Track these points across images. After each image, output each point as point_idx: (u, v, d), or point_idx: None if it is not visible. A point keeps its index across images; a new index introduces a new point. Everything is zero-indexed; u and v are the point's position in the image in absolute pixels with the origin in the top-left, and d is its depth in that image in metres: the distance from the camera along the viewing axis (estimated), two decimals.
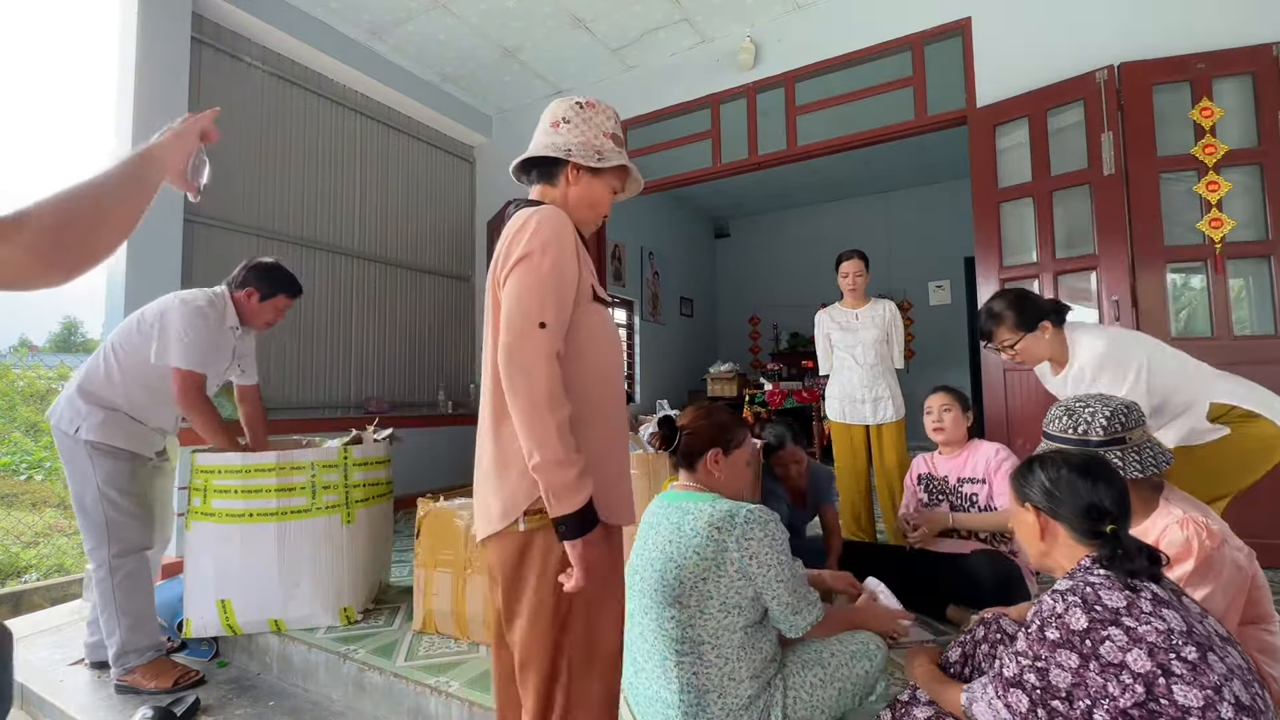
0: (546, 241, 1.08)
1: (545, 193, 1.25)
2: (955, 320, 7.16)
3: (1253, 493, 2.51)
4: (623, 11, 3.84)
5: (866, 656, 1.43)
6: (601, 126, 1.24)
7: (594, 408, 1.12)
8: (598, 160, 1.21)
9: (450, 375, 5.11)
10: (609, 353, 1.18)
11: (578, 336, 1.12)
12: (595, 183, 1.24)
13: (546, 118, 1.26)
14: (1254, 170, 2.66)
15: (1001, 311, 1.96)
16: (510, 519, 1.07)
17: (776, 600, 1.35)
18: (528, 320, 1.03)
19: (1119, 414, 1.37)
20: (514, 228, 1.12)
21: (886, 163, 6.67)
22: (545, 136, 1.24)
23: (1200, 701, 0.89)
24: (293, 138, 4.00)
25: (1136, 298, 2.77)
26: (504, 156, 5.21)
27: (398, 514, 3.75)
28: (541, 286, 1.05)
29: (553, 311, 1.05)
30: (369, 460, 2.47)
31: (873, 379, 3.10)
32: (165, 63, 3.22)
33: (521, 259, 1.07)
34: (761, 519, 1.35)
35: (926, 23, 3.45)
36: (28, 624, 2.68)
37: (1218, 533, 1.28)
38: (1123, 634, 0.96)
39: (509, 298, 1.07)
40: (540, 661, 1.07)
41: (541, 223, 1.09)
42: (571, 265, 1.10)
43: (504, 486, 1.08)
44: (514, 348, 1.03)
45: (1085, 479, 1.13)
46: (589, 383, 1.13)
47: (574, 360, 1.10)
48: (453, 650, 2.07)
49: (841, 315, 3.26)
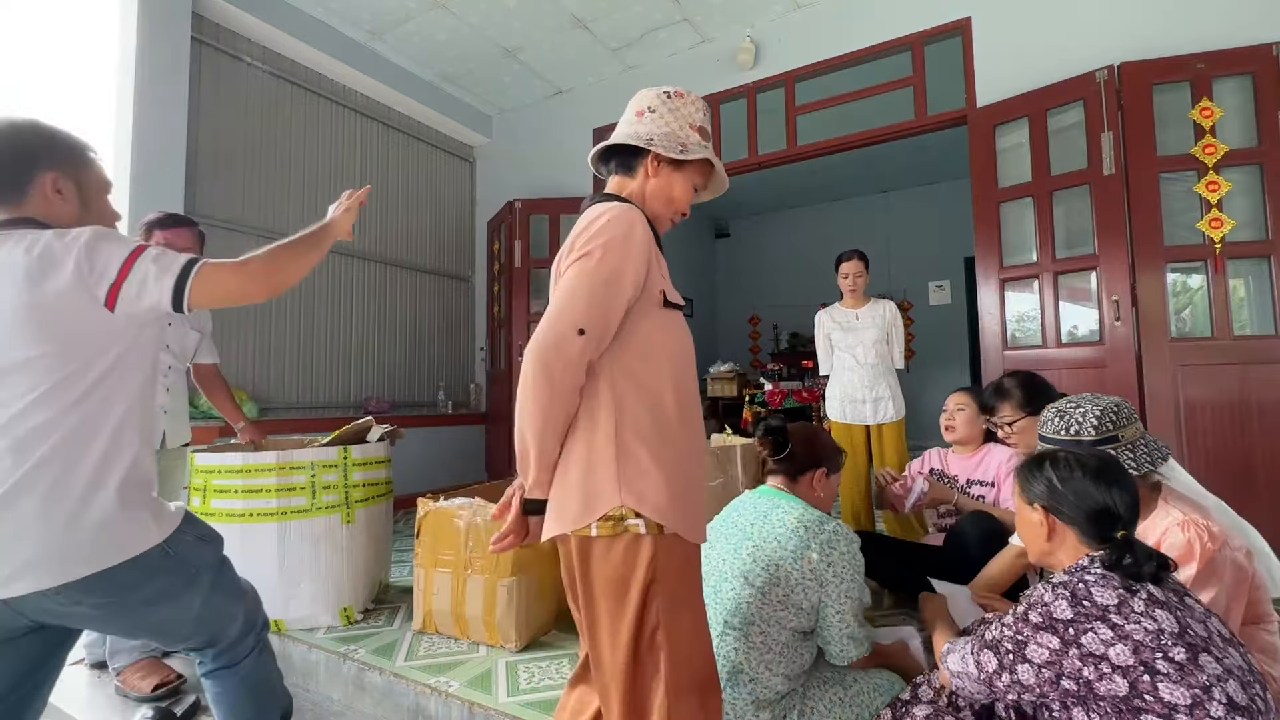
0: (610, 243, 1.03)
1: (622, 184, 1.19)
2: (955, 320, 7.15)
3: (1253, 493, 2.53)
4: (623, 11, 3.84)
5: (889, 693, 1.46)
6: (688, 118, 1.18)
7: (673, 419, 1.07)
8: (680, 152, 1.14)
9: (450, 375, 5.11)
10: (683, 360, 1.12)
11: (647, 343, 1.07)
12: (676, 176, 1.17)
13: (632, 106, 1.21)
14: (1254, 170, 2.66)
15: (1010, 389, 1.97)
16: (586, 521, 1.01)
17: (840, 616, 1.40)
18: (568, 322, 1.00)
19: (1109, 412, 1.37)
20: (584, 221, 1.08)
21: (886, 163, 6.66)
22: (628, 125, 1.18)
23: (1188, 700, 0.90)
24: (293, 138, 4.00)
25: (1136, 298, 2.77)
26: (504, 156, 5.22)
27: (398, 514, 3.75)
28: (591, 290, 1.01)
29: (597, 319, 1.01)
30: (369, 460, 2.46)
31: (873, 379, 3.11)
32: (165, 62, 3.22)
33: (581, 257, 1.03)
34: (849, 536, 1.44)
35: (926, 23, 3.45)
36: None
37: (1219, 535, 1.28)
38: (1108, 629, 0.96)
39: (558, 293, 1.04)
40: (624, 683, 1.01)
41: (610, 221, 1.05)
42: (635, 270, 1.05)
43: (586, 480, 1.03)
44: (546, 345, 1.00)
45: (1099, 482, 1.11)
46: (665, 392, 1.07)
47: (648, 370, 1.06)
48: (453, 650, 2.07)
49: (842, 315, 3.27)
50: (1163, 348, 2.73)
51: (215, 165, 3.56)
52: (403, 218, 4.76)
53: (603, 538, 1.01)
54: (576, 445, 1.04)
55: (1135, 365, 2.75)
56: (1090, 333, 2.94)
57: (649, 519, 1.00)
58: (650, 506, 1.00)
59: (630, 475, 1.01)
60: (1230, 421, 2.62)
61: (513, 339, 4.62)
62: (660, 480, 1.01)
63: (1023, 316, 3.21)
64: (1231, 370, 2.63)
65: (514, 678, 1.87)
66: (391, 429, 2.72)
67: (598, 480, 1.01)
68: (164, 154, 3.21)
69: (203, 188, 3.49)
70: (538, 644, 2.12)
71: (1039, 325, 3.07)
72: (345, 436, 2.57)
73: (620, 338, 1.06)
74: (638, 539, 1.00)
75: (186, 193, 3.32)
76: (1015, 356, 3.10)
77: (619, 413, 1.03)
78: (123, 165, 3.10)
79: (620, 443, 1.02)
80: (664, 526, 1.01)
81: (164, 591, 1.16)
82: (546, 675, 1.89)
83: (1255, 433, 2.58)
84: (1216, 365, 2.65)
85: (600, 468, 1.01)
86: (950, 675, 1.16)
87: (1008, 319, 3.19)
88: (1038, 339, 3.08)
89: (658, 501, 1.00)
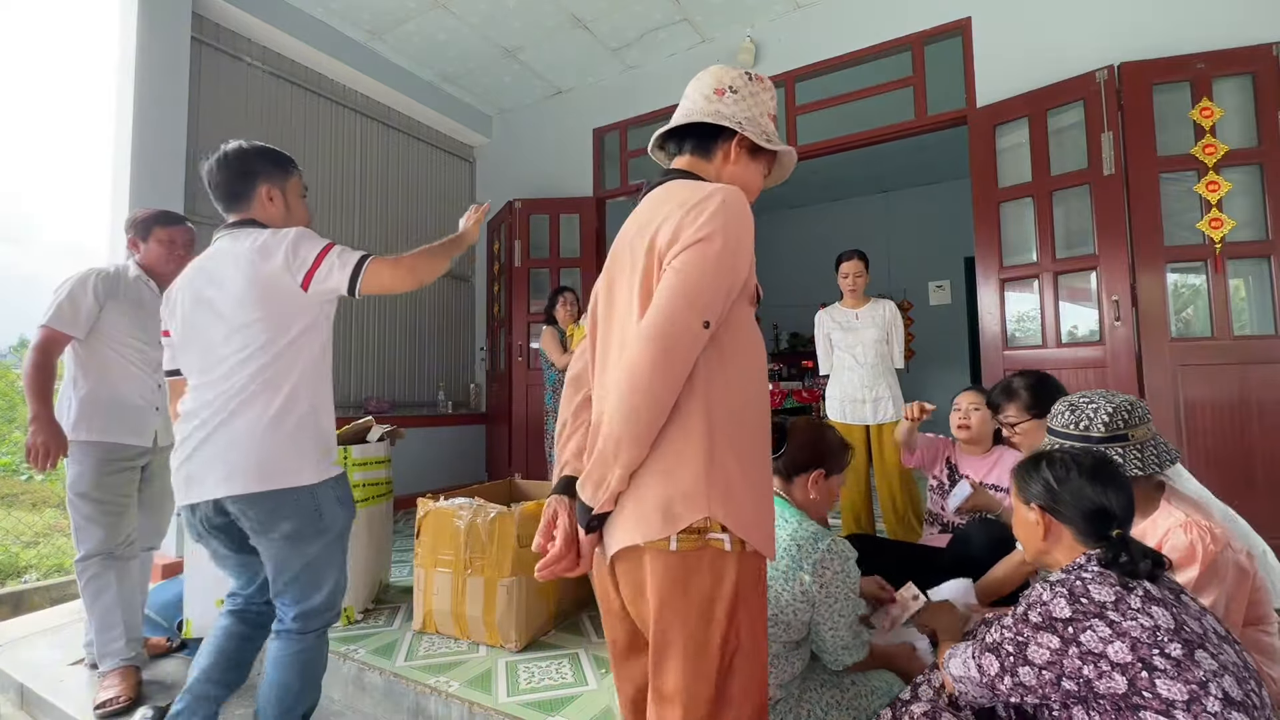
0: (729, 227, 0.93)
1: (695, 165, 1.09)
2: (955, 320, 7.15)
3: (1253, 493, 2.53)
4: (623, 11, 3.84)
5: (887, 695, 1.46)
6: (767, 105, 1.11)
7: (760, 426, 0.99)
8: (766, 140, 1.08)
9: (450, 375, 5.12)
10: (763, 363, 1.05)
11: (741, 340, 0.98)
12: (753, 165, 1.11)
13: (708, 83, 1.10)
14: (1254, 170, 2.66)
15: (1018, 389, 1.95)
16: (667, 532, 0.91)
17: (833, 633, 1.37)
18: (695, 312, 0.90)
19: (1122, 410, 1.36)
20: (690, 200, 0.96)
21: (886, 163, 6.66)
22: (708, 104, 1.08)
23: (1185, 695, 0.90)
24: (293, 138, 4.00)
25: (1136, 298, 2.77)
26: (504, 156, 5.22)
27: (398, 514, 3.75)
28: (718, 277, 0.92)
29: (719, 312, 0.93)
30: (369, 460, 2.46)
31: (873, 379, 3.11)
32: (165, 62, 3.22)
33: (701, 240, 0.92)
34: (843, 553, 1.37)
35: (926, 23, 3.45)
36: (28, 624, 2.68)
37: (1220, 536, 1.28)
38: (1106, 627, 0.97)
39: (678, 278, 0.91)
40: (696, 715, 0.91)
41: (729, 203, 0.94)
42: (750, 262, 0.98)
43: (669, 488, 0.92)
44: (669, 336, 0.89)
45: (1095, 482, 1.12)
46: (756, 396, 0.99)
47: (740, 369, 0.97)
48: (453, 650, 2.07)
49: (842, 315, 3.27)
50: (1163, 348, 2.73)
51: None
52: (403, 218, 4.76)
53: (684, 552, 0.91)
54: (659, 448, 0.93)
55: (1135, 365, 2.75)
56: (1090, 333, 2.94)
57: (734, 534, 0.91)
58: (739, 521, 0.92)
59: (719, 485, 0.91)
60: (1230, 421, 2.62)
61: (512, 339, 4.62)
62: (747, 491, 0.94)
63: (1023, 316, 3.21)
64: (1231, 370, 2.63)
65: (514, 678, 1.87)
66: (392, 429, 2.72)
67: (683, 488, 0.91)
68: (164, 154, 3.21)
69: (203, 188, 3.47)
70: (538, 644, 2.12)
71: (1039, 325, 3.07)
72: (346, 436, 2.57)
73: (715, 334, 0.95)
74: (723, 555, 0.91)
75: (186, 193, 3.32)
76: (1015, 356, 3.10)
77: (711, 414, 0.93)
78: (123, 165, 3.10)
79: (715, 447, 0.92)
80: (747, 543, 0.93)
81: (296, 532, 1.42)
82: (546, 675, 1.89)
83: (1255, 433, 2.58)
84: (1216, 365, 2.65)
85: (686, 474, 0.91)
86: (953, 680, 1.16)
87: (1008, 319, 3.19)
88: (1038, 339, 3.08)
89: (747, 515, 0.93)
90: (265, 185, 1.56)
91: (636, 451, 0.92)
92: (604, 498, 0.94)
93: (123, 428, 2.07)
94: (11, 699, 2.20)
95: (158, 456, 2.20)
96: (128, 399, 2.09)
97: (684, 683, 0.91)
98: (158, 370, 2.13)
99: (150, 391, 2.14)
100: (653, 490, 0.92)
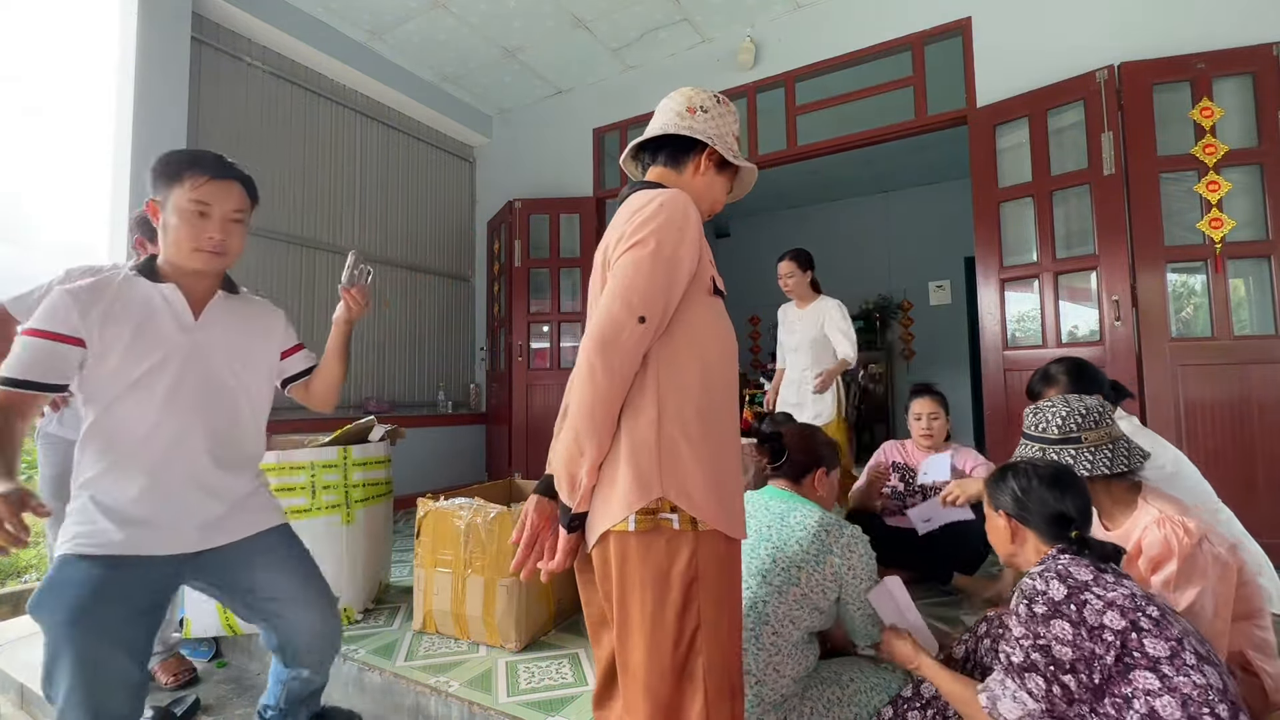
0: (665, 227, 1.01)
1: (665, 176, 1.18)
2: (955, 320, 7.15)
3: (1253, 493, 2.53)
4: (623, 11, 3.84)
5: (887, 692, 1.47)
6: (731, 127, 1.21)
7: (717, 411, 1.04)
8: (733, 156, 1.18)
9: (450, 375, 5.11)
10: (728, 351, 1.10)
11: (696, 331, 1.04)
12: (718, 179, 1.20)
13: (680, 102, 1.19)
14: (1254, 170, 2.66)
15: (1057, 375, 1.93)
16: (624, 514, 0.97)
17: (859, 609, 1.47)
18: (629, 311, 0.97)
19: (1076, 414, 1.42)
20: (635, 206, 1.05)
21: (886, 163, 6.66)
22: (681, 119, 1.17)
23: (1167, 651, 1.01)
24: (293, 138, 4.00)
25: (1136, 297, 2.77)
26: (504, 156, 5.22)
27: (398, 514, 3.75)
28: (652, 277, 0.99)
29: (658, 307, 0.99)
30: (369, 460, 2.46)
31: (806, 382, 3.16)
32: (165, 62, 3.22)
33: (637, 243, 1.00)
34: (864, 539, 1.51)
35: (926, 23, 3.45)
36: (28, 624, 2.68)
37: (1194, 530, 1.28)
38: (1095, 598, 1.07)
39: (615, 281, 1.00)
40: (657, 690, 0.95)
41: (665, 206, 1.03)
42: (690, 255, 1.03)
43: (629, 474, 0.98)
44: (607, 337, 0.97)
45: (1053, 489, 1.22)
46: (713, 383, 1.05)
47: (694, 358, 1.03)
48: (453, 650, 2.07)
49: (789, 314, 3.38)
50: (1163, 348, 2.73)
51: None
52: (403, 218, 4.76)
53: (640, 532, 0.96)
54: (619, 439, 1.00)
55: (1135, 365, 2.75)
56: (1090, 333, 2.94)
57: (685, 512, 0.97)
58: (690, 500, 0.97)
59: (671, 466, 0.97)
60: (1230, 421, 2.62)
61: (512, 339, 4.62)
62: (700, 474, 0.98)
63: (1023, 316, 3.21)
64: (1231, 370, 2.63)
65: (514, 677, 1.87)
66: (392, 429, 2.72)
67: (639, 471, 0.97)
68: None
69: None
70: (538, 644, 2.12)
71: (1039, 325, 3.07)
72: (347, 436, 2.57)
73: (668, 325, 1.03)
74: (677, 534, 0.97)
75: None
76: (1015, 356, 3.11)
77: (662, 402, 0.99)
78: (123, 165, 3.10)
79: (663, 433, 0.98)
80: (700, 521, 0.97)
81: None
82: (546, 675, 1.89)
83: (1255, 433, 2.58)
84: (1216, 365, 2.65)
85: (642, 458, 0.97)
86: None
87: (1008, 319, 3.19)
88: (1038, 339, 3.08)
89: (697, 495, 0.97)
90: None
91: (595, 444, 0.97)
92: (579, 496, 0.99)
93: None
94: (11, 699, 2.20)
95: None
96: None
97: (643, 657, 0.96)
98: None
99: None
100: (615, 478, 0.98)
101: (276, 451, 2.30)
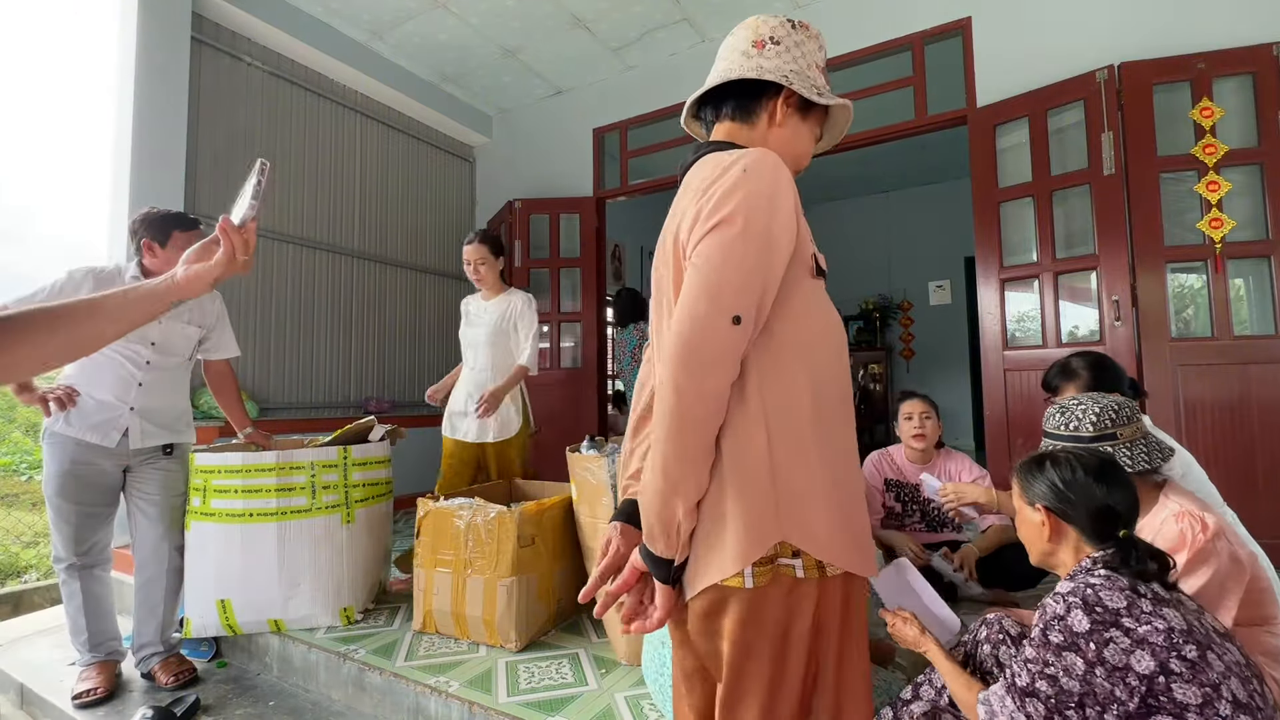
0: (752, 199, 0.78)
1: (735, 133, 0.94)
2: (955, 320, 7.15)
3: (1253, 493, 2.53)
4: (623, 11, 3.84)
5: (886, 692, 1.47)
6: (814, 57, 0.96)
7: (834, 425, 0.83)
8: (817, 95, 0.93)
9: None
10: (838, 347, 0.88)
11: (802, 325, 0.83)
12: (803, 126, 0.96)
13: (744, 37, 0.94)
14: (1254, 170, 2.66)
15: (1078, 370, 1.88)
16: (740, 566, 0.77)
17: None
18: (718, 309, 0.75)
19: (1109, 410, 1.38)
20: (712, 176, 0.81)
21: (886, 163, 6.66)
22: (748, 59, 0.92)
23: (1199, 699, 0.91)
24: (293, 138, 4.00)
25: (1136, 297, 2.77)
26: (504, 156, 5.21)
27: (398, 514, 3.75)
28: (742, 264, 0.77)
29: (754, 302, 0.77)
30: (369, 460, 2.46)
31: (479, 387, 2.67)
32: (165, 62, 3.22)
33: (720, 223, 0.78)
34: None
35: (926, 23, 3.45)
36: (28, 624, 2.68)
37: (1211, 526, 1.28)
38: (1124, 635, 0.96)
39: (696, 274, 0.78)
40: None
41: (748, 173, 0.79)
42: (788, 229, 0.80)
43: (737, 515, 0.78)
44: (693, 343, 0.76)
45: (1100, 482, 1.12)
46: (826, 389, 0.83)
47: (802, 360, 0.82)
48: (453, 650, 2.07)
49: (473, 305, 2.84)
50: (1163, 348, 2.73)
51: (215, 165, 3.56)
52: (403, 218, 4.76)
53: (760, 588, 0.77)
54: (720, 468, 0.80)
55: (1135, 365, 2.75)
56: (1090, 333, 2.94)
57: (809, 555, 0.78)
58: (815, 542, 0.78)
59: (789, 502, 0.78)
60: (1230, 421, 2.62)
61: None
62: (824, 506, 0.79)
63: (1023, 316, 3.21)
64: (1231, 370, 2.63)
65: (514, 678, 1.87)
66: (392, 428, 2.72)
67: (751, 511, 0.77)
68: (164, 154, 3.21)
69: (203, 188, 3.49)
70: (538, 644, 2.12)
71: (1039, 325, 3.07)
72: (347, 436, 2.57)
73: (767, 323, 0.81)
74: (799, 584, 0.78)
75: (186, 193, 3.32)
76: (1015, 356, 3.11)
77: (769, 419, 0.79)
78: (123, 165, 3.10)
79: (775, 460, 0.79)
80: (828, 565, 0.79)
81: None
82: (546, 675, 1.89)
83: (1255, 432, 2.58)
84: (1216, 365, 2.65)
85: (752, 494, 0.78)
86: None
87: (1008, 319, 3.19)
88: (1038, 339, 3.08)
89: (822, 533, 0.79)
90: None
91: (693, 481, 0.78)
92: (679, 543, 0.80)
93: (85, 423, 2.03)
94: (11, 699, 2.20)
95: (144, 459, 2.15)
96: (100, 396, 2.05)
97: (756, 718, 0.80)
98: (142, 370, 2.11)
99: (128, 392, 2.09)
100: (722, 516, 0.79)
101: (276, 451, 2.30)
